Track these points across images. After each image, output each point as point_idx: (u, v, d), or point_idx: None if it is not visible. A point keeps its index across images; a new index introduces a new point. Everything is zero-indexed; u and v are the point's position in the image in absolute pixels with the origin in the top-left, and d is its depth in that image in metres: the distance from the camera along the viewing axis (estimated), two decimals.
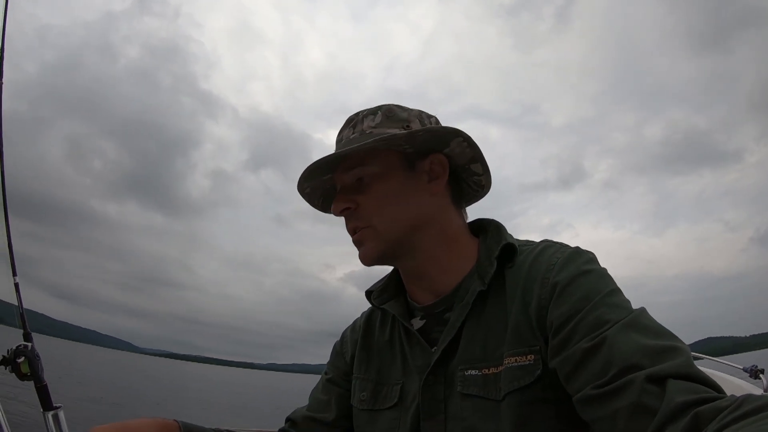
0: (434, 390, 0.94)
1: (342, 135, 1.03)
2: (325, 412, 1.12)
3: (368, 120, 1.01)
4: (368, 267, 1.02)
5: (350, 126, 1.02)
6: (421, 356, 0.98)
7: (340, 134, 1.04)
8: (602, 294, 0.80)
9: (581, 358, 0.75)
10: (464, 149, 1.01)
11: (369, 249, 0.98)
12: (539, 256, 0.92)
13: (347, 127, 1.03)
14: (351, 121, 1.03)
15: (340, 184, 1.02)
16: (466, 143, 1.00)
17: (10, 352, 1.60)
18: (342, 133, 1.04)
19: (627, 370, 0.69)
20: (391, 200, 0.97)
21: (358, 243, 1.00)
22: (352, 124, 1.02)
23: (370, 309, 1.16)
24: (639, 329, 0.73)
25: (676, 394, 0.64)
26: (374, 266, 1.01)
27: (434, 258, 0.99)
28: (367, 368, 1.09)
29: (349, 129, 1.02)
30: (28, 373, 1.60)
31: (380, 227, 0.97)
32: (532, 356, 0.84)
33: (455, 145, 1.00)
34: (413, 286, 1.04)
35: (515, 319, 0.88)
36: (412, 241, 0.98)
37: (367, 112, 1.02)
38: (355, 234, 0.99)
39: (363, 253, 0.99)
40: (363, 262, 1.00)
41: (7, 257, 1.86)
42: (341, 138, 1.03)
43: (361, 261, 1.00)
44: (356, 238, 1.00)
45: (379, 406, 1.02)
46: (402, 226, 0.97)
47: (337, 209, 1.00)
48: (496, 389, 0.86)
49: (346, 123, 1.04)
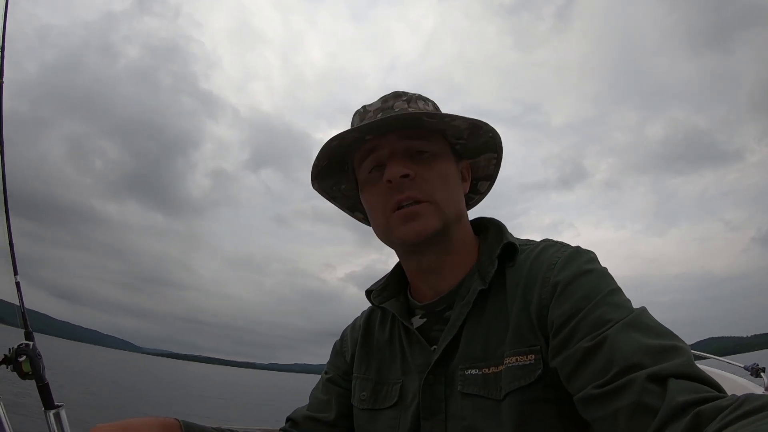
0: (434, 389, 0.93)
1: (392, 104, 0.99)
2: (325, 411, 1.12)
3: (421, 103, 1.01)
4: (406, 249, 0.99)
5: (403, 100, 1.00)
6: (421, 355, 0.98)
7: (386, 102, 1.00)
8: (603, 293, 0.80)
9: (582, 357, 0.75)
10: (489, 167, 1.08)
11: (428, 224, 0.92)
12: (540, 256, 0.92)
13: (398, 99, 1.00)
14: (401, 96, 1.00)
15: (390, 150, 0.95)
16: (495, 162, 1.07)
17: (11, 351, 1.61)
18: (390, 102, 1.00)
19: (628, 369, 0.69)
20: (451, 183, 0.97)
21: (413, 215, 0.92)
22: (405, 98, 1.00)
23: (370, 308, 1.17)
24: (640, 329, 0.73)
25: (677, 393, 0.63)
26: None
27: (454, 253, 0.99)
28: (367, 367, 1.09)
29: (402, 102, 0.99)
30: (29, 372, 1.60)
31: (443, 205, 0.94)
32: (532, 356, 0.84)
33: (485, 159, 1.06)
34: (421, 283, 1.03)
35: (516, 318, 0.88)
36: (453, 230, 0.97)
37: (415, 95, 1.01)
38: (409, 206, 0.93)
39: (420, 226, 0.92)
40: (414, 237, 0.93)
41: (8, 256, 1.86)
42: (391, 106, 0.99)
43: (413, 236, 0.93)
44: (412, 210, 0.92)
45: (379, 406, 1.02)
46: (456, 210, 0.97)
47: (396, 173, 0.92)
48: (497, 389, 0.86)
49: (393, 96, 1.00)
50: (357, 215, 1.15)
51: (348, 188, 1.09)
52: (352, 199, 1.11)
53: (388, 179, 0.93)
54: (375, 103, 1.02)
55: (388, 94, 1.01)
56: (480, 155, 1.06)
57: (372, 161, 0.97)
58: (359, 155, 0.99)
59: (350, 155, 1.02)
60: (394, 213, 0.94)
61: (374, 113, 1.00)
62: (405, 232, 0.93)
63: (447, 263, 0.99)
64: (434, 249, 0.97)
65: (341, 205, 1.13)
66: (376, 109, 1.00)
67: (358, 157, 1.00)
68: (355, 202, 1.11)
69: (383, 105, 1.00)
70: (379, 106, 1.00)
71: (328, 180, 1.07)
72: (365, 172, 0.99)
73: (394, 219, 0.94)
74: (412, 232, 0.93)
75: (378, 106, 1.00)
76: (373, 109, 1.01)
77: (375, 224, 1.01)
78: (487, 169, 1.09)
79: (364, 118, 1.01)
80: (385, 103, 1.00)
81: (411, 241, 0.94)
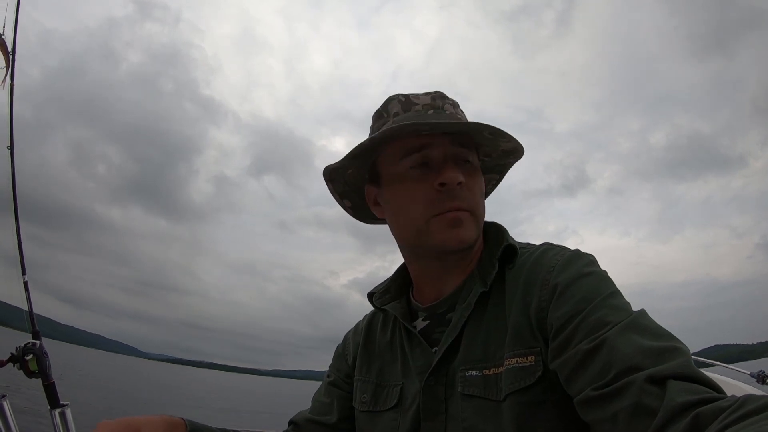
0: (435, 390, 0.94)
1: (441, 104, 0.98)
2: (327, 414, 1.12)
3: (459, 110, 1.01)
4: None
5: (449, 103, 0.99)
6: (422, 357, 0.98)
7: (435, 100, 0.98)
8: (602, 296, 0.80)
9: (581, 359, 0.75)
10: (488, 184, 1.10)
11: (469, 233, 0.94)
12: (539, 258, 0.92)
13: (445, 101, 0.99)
14: (446, 98, 1.00)
15: (443, 153, 0.94)
16: (495, 182, 1.11)
17: (18, 349, 1.62)
18: (439, 102, 0.98)
19: (627, 371, 0.68)
20: (482, 197, 0.99)
21: (459, 222, 0.93)
22: (450, 102, 1.00)
23: (372, 311, 1.17)
24: (639, 330, 0.73)
25: (677, 394, 0.63)
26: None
27: (465, 260, 1.00)
28: (368, 370, 1.09)
29: (449, 105, 0.99)
30: (36, 371, 1.61)
31: (479, 217, 0.97)
32: (532, 357, 0.84)
33: (488, 177, 1.08)
34: (426, 285, 1.03)
35: (515, 320, 0.88)
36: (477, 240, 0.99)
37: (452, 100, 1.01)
38: (457, 212, 0.93)
39: (463, 234, 0.93)
40: (457, 244, 0.94)
41: (13, 260, 1.88)
42: (441, 106, 0.98)
43: (455, 243, 0.94)
44: (458, 217, 0.93)
45: (379, 408, 1.03)
46: (482, 224, 1.00)
47: (455, 179, 0.91)
48: (497, 390, 0.86)
49: (440, 96, 0.99)
50: (345, 203, 1.13)
51: (352, 174, 1.07)
52: (350, 186, 1.09)
53: (443, 182, 0.92)
54: (421, 96, 0.99)
55: (435, 93, 0.99)
56: (487, 173, 1.07)
57: (419, 158, 0.94)
58: (400, 146, 0.96)
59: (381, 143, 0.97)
60: (437, 216, 0.93)
61: (423, 108, 0.97)
62: (448, 238, 0.93)
63: (457, 267, 1.00)
64: (459, 255, 0.98)
65: (336, 188, 1.10)
66: (425, 104, 0.98)
67: (397, 149, 0.96)
68: (350, 188, 1.10)
69: (433, 102, 0.98)
70: (429, 103, 0.98)
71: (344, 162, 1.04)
72: (404, 167, 0.95)
73: (436, 222, 0.93)
74: (456, 240, 0.93)
75: (427, 102, 0.98)
76: (422, 103, 0.98)
77: (405, 223, 0.98)
78: (486, 185, 1.09)
79: (409, 109, 0.98)
80: (435, 102, 0.98)
81: (452, 247, 0.94)
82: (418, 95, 0.99)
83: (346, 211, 1.14)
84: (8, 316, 75.41)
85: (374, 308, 1.13)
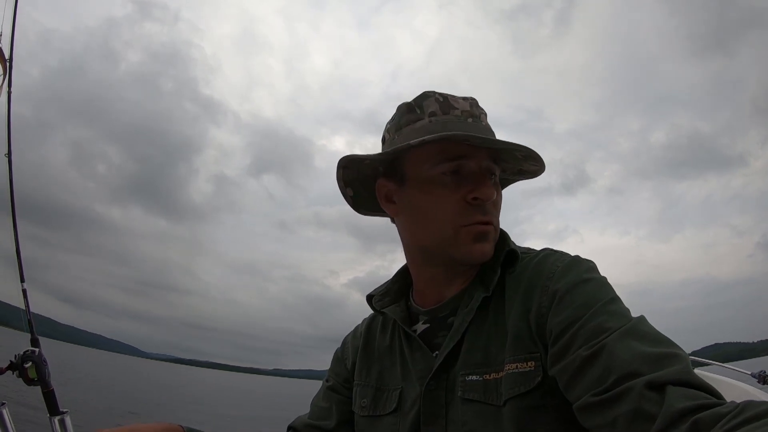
0: (435, 395, 0.94)
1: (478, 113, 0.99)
2: (326, 419, 1.12)
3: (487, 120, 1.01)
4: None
5: (484, 114, 1.00)
6: (422, 361, 0.98)
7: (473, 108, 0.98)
8: (602, 302, 0.80)
9: (580, 365, 0.75)
10: None
11: (491, 247, 0.96)
12: (539, 264, 0.92)
13: (481, 111, 0.99)
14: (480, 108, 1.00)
15: (478, 165, 0.95)
16: None
17: (17, 357, 1.61)
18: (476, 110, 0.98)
19: (626, 377, 0.69)
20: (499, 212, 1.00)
21: (484, 236, 0.95)
22: (484, 113, 1.00)
23: (371, 315, 1.17)
24: (638, 337, 0.73)
25: (676, 400, 0.63)
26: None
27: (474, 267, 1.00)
28: (368, 374, 1.09)
29: (483, 115, 1.00)
30: (35, 378, 1.60)
31: (497, 231, 0.98)
32: (532, 363, 0.84)
33: None
34: (431, 290, 1.03)
35: (515, 325, 0.88)
36: None
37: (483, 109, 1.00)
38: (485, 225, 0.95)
39: (487, 248, 0.95)
40: (481, 257, 0.95)
41: (13, 261, 1.87)
42: (478, 115, 0.98)
43: (480, 256, 0.95)
44: (485, 231, 0.95)
45: (378, 412, 1.03)
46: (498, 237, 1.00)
47: (490, 196, 0.93)
48: (497, 395, 0.86)
49: (476, 104, 0.99)
50: (348, 191, 1.10)
51: (368, 165, 1.04)
52: (361, 175, 1.07)
53: (477, 197, 0.92)
54: (460, 101, 0.98)
55: (471, 100, 0.99)
56: None
57: (453, 166, 0.94)
58: (436, 151, 0.94)
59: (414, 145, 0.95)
60: (465, 228, 0.94)
61: (463, 114, 0.97)
62: (474, 250, 0.94)
63: (459, 273, 1.00)
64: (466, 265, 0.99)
65: (346, 175, 1.07)
66: (464, 111, 0.97)
67: (432, 153, 0.94)
68: (360, 177, 1.07)
69: (471, 110, 0.98)
70: (468, 110, 0.98)
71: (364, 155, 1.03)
72: (437, 172, 0.94)
73: (464, 233, 0.94)
74: (480, 253, 0.94)
75: (466, 108, 0.98)
76: (461, 109, 0.97)
77: (432, 229, 0.96)
78: None
79: (448, 112, 0.97)
80: (473, 109, 0.98)
81: (475, 260, 0.96)
82: (456, 98, 0.98)
83: (345, 199, 1.11)
84: (8, 316, 75.46)
85: (373, 311, 1.12)
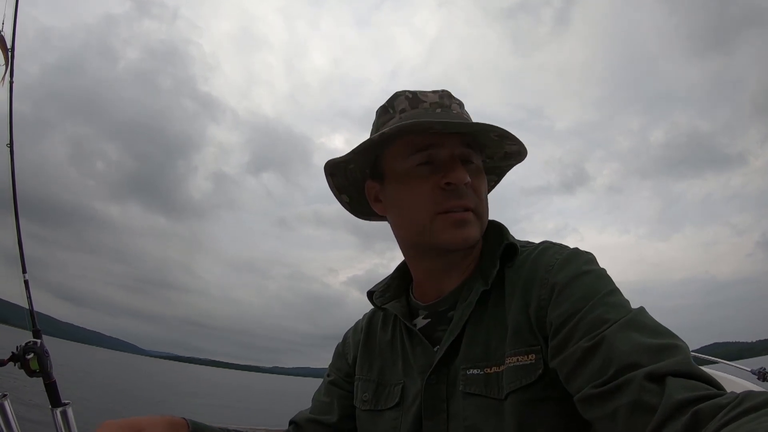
0: (437, 389, 0.94)
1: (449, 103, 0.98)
2: (328, 414, 1.12)
3: (464, 110, 1.01)
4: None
5: (456, 102, 1.00)
6: (424, 355, 0.98)
7: (443, 99, 0.98)
8: (601, 294, 0.80)
9: (581, 357, 0.75)
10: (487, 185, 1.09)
11: (472, 232, 0.95)
12: (539, 257, 0.92)
13: (452, 100, 0.99)
14: (453, 98, 1.00)
15: (450, 152, 0.94)
16: (494, 184, 1.12)
17: (19, 348, 1.61)
18: (447, 101, 0.98)
19: (626, 368, 0.69)
20: (485, 197, 1.00)
21: (463, 222, 0.94)
22: (458, 102, 1.00)
23: (372, 310, 1.17)
24: (638, 328, 0.73)
25: (676, 391, 0.63)
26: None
27: (467, 258, 1.00)
28: (369, 369, 1.09)
29: (456, 104, 0.99)
30: (37, 370, 1.60)
31: (482, 217, 0.98)
32: (533, 356, 0.85)
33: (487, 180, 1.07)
34: (428, 284, 1.03)
35: (515, 318, 0.88)
36: None
37: (458, 100, 1.01)
38: (463, 212, 0.94)
39: (467, 234, 0.94)
40: (463, 244, 0.94)
41: (14, 258, 1.87)
42: (449, 105, 0.98)
43: (460, 242, 0.94)
44: (464, 217, 0.94)
45: (380, 407, 1.03)
46: (486, 224, 1.00)
47: (462, 179, 0.92)
48: (498, 388, 0.86)
49: (447, 95, 0.99)
50: (342, 197, 1.12)
51: (354, 168, 1.06)
52: (349, 180, 1.08)
53: (449, 182, 0.92)
54: (429, 94, 0.99)
55: (442, 91, 0.99)
56: (487, 174, 1.07)
57: (425, 156, 0.94)
58: (407, 144, 0.95)
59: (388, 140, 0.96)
60: (442, 215, 0.93)
61: (431, 106, 0.97)
62: (453, 236, 0.93)
63: (458, 266, 1.00)
64: (461, 254, 0.98)
65: (335, 182, 1.09)
66: (433, 102, 0.98)
67: (404, 146, 0.96)
68: (349, 183, 1.09)
69: (441, 101, 0.98)
70: (437, 101, 0.98)
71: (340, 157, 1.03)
72: (411, 164, 0.95)
73: (440, 221, 0.93)
74: (460, 239, 0.93)
75: (435, 100, 0.98)
76: (430, 101, 0.98)
77: (410, 220, 0.97)
78: None
79: (416, 106, 0.98)
80: (442, 100, 0.98)
81: (456, 246, 0.95)
82: (425, 92, 0.99)
83: (343, 206, 1.13)
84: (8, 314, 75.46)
85: (374, 307, 1.13)
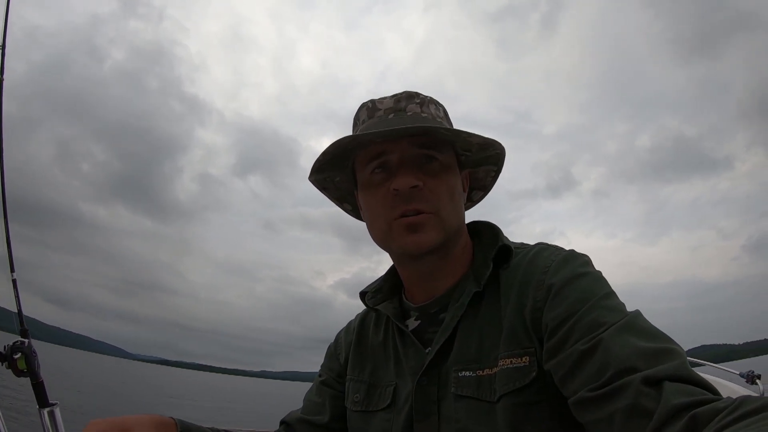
0: (428, 391, 0.93)
1: (405, 105, 0.98)
2: (319, 414, 1.12)
3: (433, 107, 1.00)
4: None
5: (416, 102, 0.98)
6: (415, 357, 0.98)
7: (398, 102, 0.98)
8: (597, 296, 0.80)
9: (577, 360, 0.74)
10: (486, 178, 1.09)
11: (430, 237, 0.92)
12: (534, 259, 0.92)
13: (411, 101, 0.98)
14: (414, 97, 0.98)
15: (400, 156, 0.93)
16: (494, 174, 1.09)
17: (6, 348, 1.60)
18: (403, 103, 0.98)
19: (623, 372, 0.68)
20: (455, 195, 0.97)
21: (417, 226, 0.91)
22: (418, 101, 0.98)
23: (364, 311, 1.16)
24: (634, 332, 0.73)
25: (673, 396, 0.63)
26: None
27: (451, 259, 0.99)
28: (361, 370, 1.09)
29: (415, 104, 0.98)
30: (24, 370, 1.58)
31: (446, 218, 0.93)
32: (527, 358, 0.84)
33: (485, 170, 1.07)
34: (417, 287, 1.03)
35: (510, 320, 0.88)
36: (453, 241, 0.97)
37: (428, 98, 1.00)
38: (413, 216, 0.91)
39: (422, 239, 0.91)
40: (417, 249, 0.92)
41: (0, 259, 1.85)
42: (404, 108, 0.97)
43: (414, 247, 0.92)
44: (416, 220, 0.91)
45: (372, 408, 1.02)
46: (458, 222, 0.97)
47: (406, 184, 0.90)
48: (491, 391, 0.86)
49: (406, 96, 0.98)
50: (345, 206, 1.13)
51: (341, 180, 1.07)
52: (343, 191, 1.10)
53: (395, 188, 0.91)
54: (386, 100, 0.99)
55: (401, 94, 0.99)
56: (480, 166, 1.06)
57: (378, 163, 0.94)
58: (364, 154, 0.96)
59: (353, 151, 0.98)
60: (396, 221, 0.92)
61: (385, 113, 0.98)
62: (406, 242, 0.92)
63: (443, 268, 0.99)
64: (432, 258, 0.96)
65: (331, 195, 1.10)
66: (387, 108, 0.98)
67: (363, 156, 0.96)
68: (344, 193, 1.10)
69: (395, 105, 0.98)
70: (392, 106, 0.98)
71: (323, 173, 1.04)
72: (368, 173, 0.96)
73: (396, 227, 0.93)
74: (414, 244, 0.92)
75: (390, 105, 0.98)
76: (385, 108, 0.98)
77: (374, 228, 0.98)
78: (484, 180, 1.09)
79: (372, 116, 0.99)
80: (398, 104, 0.98)
81: (412, 252, 0.94)
82: (383, 99, 0.99)
83: (349, 215, 1.14)
84: None
85: (366, 308, 1.12)
